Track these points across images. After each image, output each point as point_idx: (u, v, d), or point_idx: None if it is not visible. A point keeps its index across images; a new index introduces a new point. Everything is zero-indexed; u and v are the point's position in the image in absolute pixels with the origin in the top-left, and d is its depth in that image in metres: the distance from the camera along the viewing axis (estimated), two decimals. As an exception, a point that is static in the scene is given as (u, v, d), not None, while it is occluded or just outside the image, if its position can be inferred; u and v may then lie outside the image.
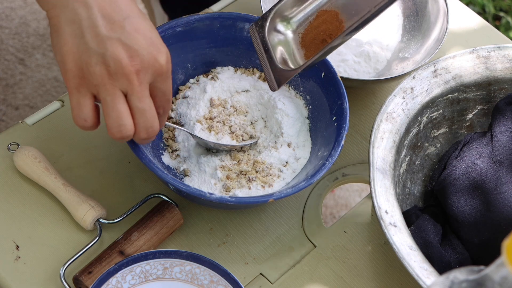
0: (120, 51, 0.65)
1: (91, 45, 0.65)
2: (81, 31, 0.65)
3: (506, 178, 0.79)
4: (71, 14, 0.65)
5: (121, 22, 0.65)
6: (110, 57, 0.65)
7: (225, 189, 0.79)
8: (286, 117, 0.83)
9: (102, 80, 0.65)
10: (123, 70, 0.65)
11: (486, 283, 0.49)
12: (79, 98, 0.67)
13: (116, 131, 0.67)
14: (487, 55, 0.86)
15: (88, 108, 0.67)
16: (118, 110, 0.66)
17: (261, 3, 0.90)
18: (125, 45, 0.65)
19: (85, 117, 0.68)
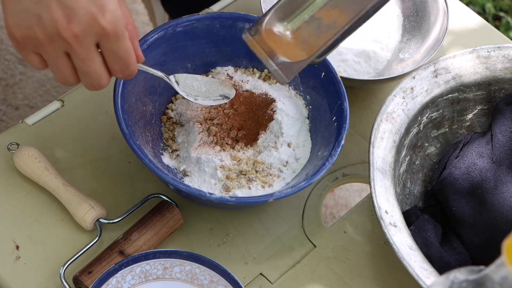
0: (57, 12, 0.60)
1: (27, 4, 0.61)
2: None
3: (506, 178, 0.80)
4: None
5: None
6: (46, 19, 0.61)
7: (225, 189, 0.79)
8: (286, 117, 0.83)
9: (40, 43, 0.62)
10: (59, 33, 0.61)
11: (486, 283, 0.49)
12: (25, 57, 0.65)
13: (62, 83, 0.67)
14: (487, 55, 0.86)
15: (37, 62, 0.65)
16: (61, 71, 0.65)
17: (261, 3, 0.90)
18: (62, 4, 0.60)
19: (39, 68, 0.66)
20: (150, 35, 0.81)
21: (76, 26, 0.61)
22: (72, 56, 0.64)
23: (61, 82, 0.66)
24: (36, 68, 0.66)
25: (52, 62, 0.64)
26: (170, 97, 0.86)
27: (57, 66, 0.64)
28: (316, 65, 0.79)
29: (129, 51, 0.66)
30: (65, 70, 0.65)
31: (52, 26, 0.61)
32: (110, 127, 0.87)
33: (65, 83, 0.66)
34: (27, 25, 0.62)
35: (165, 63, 0.83)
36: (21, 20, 0.62)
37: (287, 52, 0.75)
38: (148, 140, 0.80)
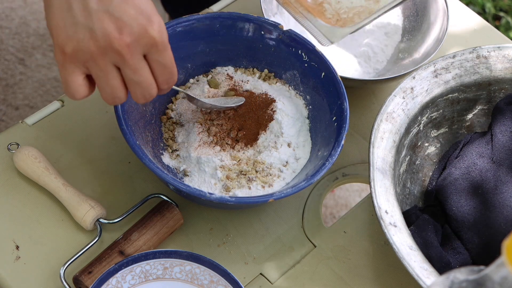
0: (108, 24, 0.62)
1: (78, 19, 0.62)
2: (68, 4, 0.62)
3: (506, 178, 0.80)
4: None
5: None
6: (99, 31, 0.62)
7: (225, 189, 0.79)
8: (286, 117, 0.83)
9: (92, 56, 0.63)
10: (112, 44, 0.63)
11: (486, 283, 0.49)
12: (66, 75, 0.65)
13: (111, 102, 0.67)
14: (487, 55, 0.86)
15: (76, 85, 0.65)
16: (112, 85, 0.65)
17: (261, 3, 0.90)
18: (113, 17, 0.62)
19: (73, 92, 0.66)
20: (150, 35, 0.80)
21: (128, 37, 0.63)
22: (123, 68, 0.65)
23: (109, 98, 0.67)
24: (72, 92, 0.66)
25: (102, 76, 0.65)
26: (170, 97, 0.86)
27: (106, 80, 0.65)
28: None
29: (173, 61, 0.68)
30: (115, 83, 0.65)
31: (105, 38, 0.62)
32: (110, 127, 0.87)
33: (113, 99, 0.67)
34: (80, 39, 0.62)
35: (165, 63, 0.83)
36: (73, 33, 0.62)
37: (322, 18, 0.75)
38: (148, 140, 0.80)
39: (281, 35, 0.84)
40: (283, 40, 0.84)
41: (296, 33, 0.83)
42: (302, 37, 0.83)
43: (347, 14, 0.78)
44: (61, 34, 0.63)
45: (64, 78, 0.65)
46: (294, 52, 0.84)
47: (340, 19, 0.77)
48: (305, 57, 0.83)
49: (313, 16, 0.76)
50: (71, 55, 0.64)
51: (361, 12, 0.78)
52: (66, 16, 0.63)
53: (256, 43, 0.85)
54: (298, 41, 0.83)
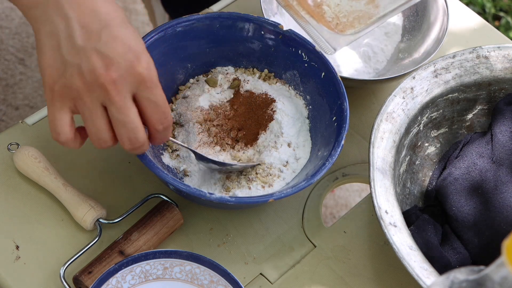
0: (95, 61, 0.63)
1: (67, 57, 0.63)
2: (58, 43, 0.63)
3: (506, 178, 0.80)
4: (50, 27, 0.63)
5: (98, 31, 0.63)
6: (86, 68, 0.63)
7: (225, 189, 0.79)
8: (286, 117, 0.83)
9: (79, 93, 0.64)
10: (98, 80, 0.63)
11: (486, 283, 0.49)
12: (54, 112, 0.65)
13: (96, 144, 0.67)
14: (487, 55, 0.86)
15: (62, 122, 0.65)
16: (97, 125, 0.65)
17: (261, 3, 0.90)
18: (100, 54, 0.63)
19: (59, 131, 0.66)
20: (150, 35, 0.80)
21: (114, 72, 0.63)
22: (109, 107, 0.64)
23: (95, 140, 0.66)
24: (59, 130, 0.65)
25: (88, 115, 0.64)
26: (170, 97, 0.86)
27: (92, 120, 0.64)
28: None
29: (165, 100, 0.67)
30: (100, 123, 0.65)
31: (91, 74, 0.62)
32: (110, 127, 0.86)
33: (99, 141, 0.66)
34: (67, 76, 0.63)
35: (165, 63, 0.83)
36: (62, 71, 0.63)
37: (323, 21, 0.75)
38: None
39: (281, 35, 0.84)
40: (283, 40, 0.84)
41: (296, 33, 0.83)
42: (302, 37, 0.83)
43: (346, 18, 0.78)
44: (51, 72, 0.64)
45: (51, 115, 0.65)
46: (294, 52, 0.84)
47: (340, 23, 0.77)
48: (305, 57, 0.83)
49: (316, 21, 0.76)
50: (59, 92, 0.64)
51: (360, 17, 0.78)
52: (55, 55, 0.63)
53: (256, 43, 0.85)
54: (298, 41, 0.83)
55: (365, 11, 0.79)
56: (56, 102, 0.65)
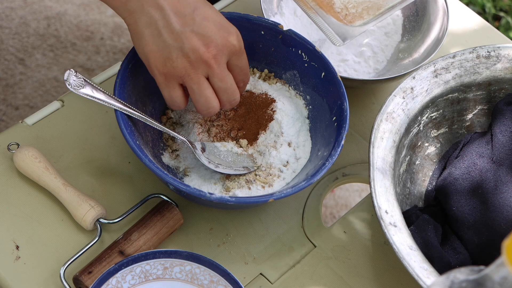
0: (196, 41, 0.72)
1: (169, 42, 0.72)
2: (158, 31, 0.72)
3: (506, 178, 0.80)
4: (147, 18, 0.72)
5: (191, 14, 0.72)
6: (188, 48, 0.71)
7: (225, 189, 0.79)
8: (286, 117, 0.83)
9: (186, 71, 0.72)
10: (202, 58, 0.72)
11: (486, 283, 0.49)
12: (169, 91, 0.74)
13: (205, 112, 0.75)
14: (487, 55, 0.86)
15: (179, 97, 0.75)
16: (205, 96, 0.74)
17: (261, 3, 0.90)
18: (198, 34, 0.72)
19: (178, 105, 0.76)
20: (150, 35, 0.80)
21: (214, 49, 0.72)
22: (212, 78, 0.74)
23: (204, 109, 0.75)
24: (177, 104, 0.75)
25: (196, 88, 0.73)
26: (170, 97, 0.86)
27: (200, 91, 0.74)
28: None
29: (247, 63, 0.78)
30: (208, 93, 0.74)
31: (195, 53, 0.72)
32: (110, 127, 0.87)
33: (208, 109, 0.75)
34: (173, 58, 0.72)
35: (165, 63, 0.83)
36: (168, 54, 0.72)
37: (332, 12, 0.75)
38: (148, 140, 0.80)
39: (281, 35, 0.84)
40: (283, 40, 0.84)
41: (296, 33, 0.83)
42: (302, 37, 0.83)
43: (355, 9, 0.78)
44: (157, 57, 0.72)
45: (168, 95, 0.75)
46: (294, 52, 0.84)
47: (349, 14, 0.77)
48: (305, 57, 0.83)
49: (325, 12, 0.76)
50: (169, 74, 0.73)
51: (369, 8, 0.78)
52: (158, 41, 0.72)
53: (256, 43, 0.85)
54: (298, 41, 0.83)
55: (374, 2, 0.79)
56: (168, 82, 0.74)
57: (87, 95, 0.76)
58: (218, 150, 0.81)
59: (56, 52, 1.71)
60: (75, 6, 1.80)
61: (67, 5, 1.80)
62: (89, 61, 1.71)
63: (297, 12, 0.94)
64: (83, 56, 1.71)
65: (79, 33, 1.75)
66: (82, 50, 1.72)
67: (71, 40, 1.74)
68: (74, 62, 1.70)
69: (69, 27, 1.76)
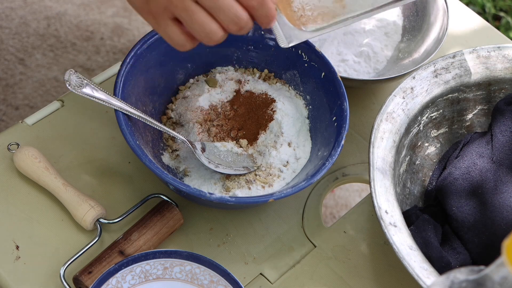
0: None
1: None
2: None
3: (506, 178, 0.80)
4: None
5: None
6: None
7: (225, 189, 0.79)
8: (286, 117, 0.83)
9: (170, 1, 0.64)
10: None
11: (486, 283, 0.49)
12: (164, 30, 0.66)
13: (207, 40, 0.66)
14: (487, 55, 0.86)
15: (177, 34, 0.66)
16: (199, 21, 0.64)
17: (261, 3, 0.90)
18: None
19: (182, 43, 0.67)
20: (150, 35, 0.81)
21: None
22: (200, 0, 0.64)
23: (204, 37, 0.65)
24: (180, 43, 0.66)
25: (185, 14, 0.64)
26: (170, 97, 0.86)
27: (191, 17, 0.64)
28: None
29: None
30: (200, 16, 0.64)
31: None
32: (110, 127, 0.87)
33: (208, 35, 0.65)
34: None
35: (165, 63, 0.83)
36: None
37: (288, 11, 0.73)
38: (148, 140, 0.80)
39: (281, 35, 0.84)
40: (283, 40, 0.84)
41: (296, 33, 0.83)
42: (302, 37, 0.83)
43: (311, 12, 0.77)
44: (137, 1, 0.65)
45: (164, 34, 0.66)
46: (294, 52, 0.84)
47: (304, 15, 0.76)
48: (305, 57, 0.83)
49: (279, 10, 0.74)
50: (155, 11, 0.65)
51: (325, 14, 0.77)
52: None
53: (256, 43, 0.85)
54: (298, 41, 0.83)
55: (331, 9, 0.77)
56: (159, 21, 0.66)
57: (87, 95, 0.76)
58: (218, 150, 0.81)
59: (56, 52, 1.71)
60: (75, 6, 1.80)
61: (67, 5, 1.80)
62: (89, 61, 1.71)
63: (297, 12, 0.94)
64: (83, 56, 1.71)
65: (79, 33, 1.75)
66: (82, 50, 1.72)
67: (71, 40, 1.74)
68: (74, 62, 1.70)
69: (69, 27, 1.76)
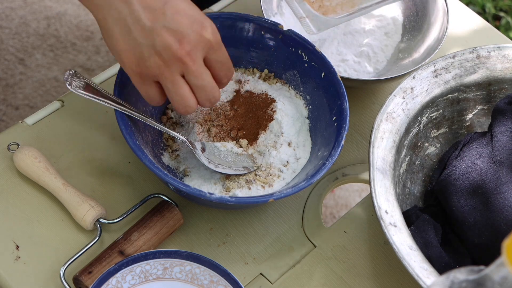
0: (168, 38, 0.68)
1: (140, 39, 0.68)
2: (128, 28, 0.68)
3: (506, 178, 0.79)
4: (115, 14, 0.68)
5: (161, 8, 0.68)
6: (160, 46, 0.68)
7: (225, 189, 0.79)
8: (286, 117, 0.83)
9: (159, 70, 0.69)
10: (175, 55, 0.68)
11: (486, 283, 0.49)
12: (145, 89, 0.71)
13: (183, 111, 0.72)
14: (487, 55, 0.86)
15: (156, 95, 0.72)
16: (181, 94, 0.70)
17: (261, 3, 0.90)
18: (170, 30, 0.68)
19: (157, 101, 0.73)
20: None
21: (187, 45, 0.68)
22: (187, 75, 0.70)
23: (181, 108, 0.72)
24: (155, 102, 0.73)
25: (171, 87, 0.70)
26: (170, 97, 0.86)
27: (176, 90, 0.70)
28: None
29: (228, 56, 0.74)
30: (184, 91, 0.70)
31: (167, 51, 0.68)
32: (110, 127, 0.87)
33: (185, 107, 0.72)
34: (146, 57, 0.68)
35: (165, 63, 0.83)
36: (139, 53, 0.68)
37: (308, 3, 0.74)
38: (148, 140, 0.80)
39: (281, 35, 0.84)
40: (283, 40, 0.84)
41: (296, 33, 0.83)
42: (302, 37, 0.83)
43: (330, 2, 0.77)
44: (130, 56, 0.69)
45: (144, 93, 0.72)
46: (294, 52, 0.84)
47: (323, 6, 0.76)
48: (305, 57, 0.83)
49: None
50: (143, 73, 0.70)
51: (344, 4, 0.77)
52: (128, 40, 0.68)
53: (256, 43, 0.85)
54: (298, 41, 0.83)
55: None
56: (144, 81, 0.71)
57: (87, 95, 0.76)
58: (218, 150, 0.81)
59: (56, 52, 1.71)
60: (75, 6, 1.80)
61: (67, 5, 1.80)
62: (89, 61, 1.71)
63: (297, 12, 0.94)
64: (83, 56, 1.71)
65: (79, 33, 1.75)
66: (82, 50, 1.72)
67: (71, 40, 1.74)
68: (74, 62, 1.70)
69: (69, 27, 1.76)
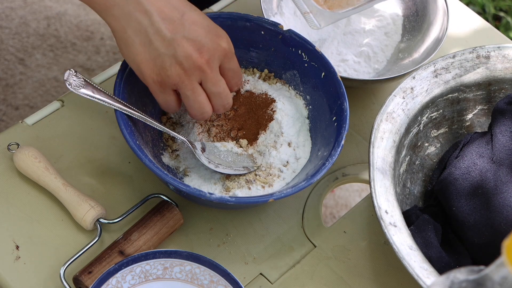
0: (188, 48, 0.71)
1: (161, 50, 0.71)
2: (148, 39, 0.71)
3: (506, 178, 0.79)
4: (136, 25, 0.70)
5: (180, 20, 0.71)
6: (181, 56, 0.71)
7: (225, 189, 0.79)
8: (286, 117, 0.83)
9: (180, 78, 0.72)
10: (195, 64, 0.71)
11: (486, 283, 0.49)
12: (164, 97, 0.74)
13: (199, 117, 0.76)
14: (487, 55, 0.86)
15: (174, 102, 0.75)
16: (199, 102, 0.74)
17: (261, 3, 0.90)
18: (190, 40, 0.71)
19: (174, 109, 0.76)
20: (150, 35, 0.80)
21: (206, 54, 0.72)
22: (205, 83, 0.73)
23: (198, 114, 0.75)
24: (172, 109, 0.76)
25: (190, 95, 0.73)
26: (170, 97, 0.86)
27: (195, 97, 0.73)
28: None
29: (239, 65, 0.78)
30: (202, 99, 0.74)
31: (188, 60, 0.71)
32: (110, 127, 0.87)
33: (202, 114, 0.75)
34: (166, 67, 0.71)
35: (165, 63, 0.83)
36: (161, 63, 0.71)
37: None
38: (148, 140, 0.80)
39: (281, 35, 0.84)
40: (283, 40, 0.84)
41: (296, 33, 0.83)
42: (302, 37, 0.83)
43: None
44: (151, 66, 0.72)
45: (163, 101, 0.75)
46: (294, 52, 0.84)
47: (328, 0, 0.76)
48: (305, 57, 0.83)
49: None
50: (164, 82, 0.72)
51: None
52: (150, 50, 0.71)
53: (256, 43, 0.85)
54: (298, 41, 0.83)
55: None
56: (163, 89, 0.73)
57: (87, 95, 0.76)
58: (218, 150, 0.81)
59: (56, 52, 1.71)
60: (75, 6, 1.80)
61: (67, 5, 1.80)
62: (89, 61, 1.71)
63: (297, 12, 0.94)
64: (83, 56, 1.71)
65: (79, 33, 1.75)
66: (82, 50, 1.72)
67: (71, 40, 1.74)
68: (74, 62, 1.70)
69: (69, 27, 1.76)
